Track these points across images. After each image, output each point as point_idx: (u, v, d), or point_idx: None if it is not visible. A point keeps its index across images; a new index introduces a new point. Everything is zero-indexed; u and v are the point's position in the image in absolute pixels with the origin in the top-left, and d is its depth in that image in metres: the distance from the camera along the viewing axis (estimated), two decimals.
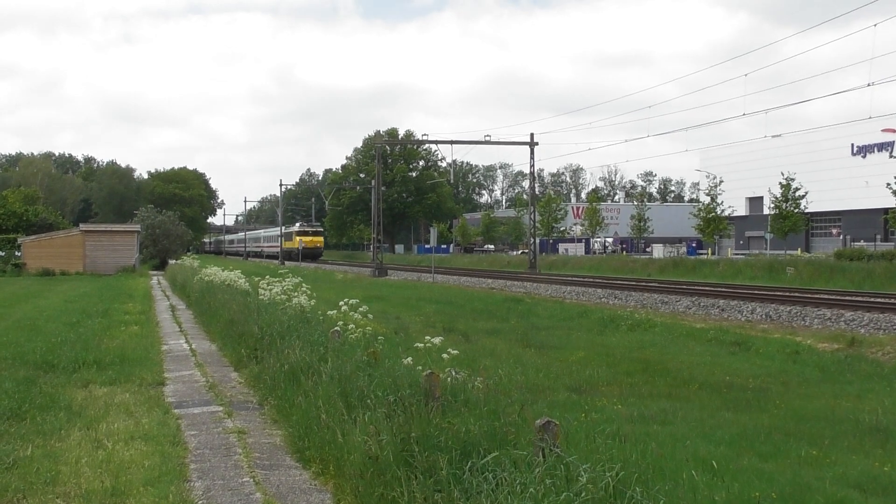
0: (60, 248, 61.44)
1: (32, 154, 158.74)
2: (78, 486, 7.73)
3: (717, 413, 11.14)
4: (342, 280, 49.83)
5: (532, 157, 59.01)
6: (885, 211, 64.70)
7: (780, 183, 65.82)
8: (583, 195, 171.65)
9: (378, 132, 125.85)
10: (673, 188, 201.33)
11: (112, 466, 8.29)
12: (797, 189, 64.86)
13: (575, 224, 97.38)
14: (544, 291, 35.31)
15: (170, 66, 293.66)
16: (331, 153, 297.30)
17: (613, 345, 18.20)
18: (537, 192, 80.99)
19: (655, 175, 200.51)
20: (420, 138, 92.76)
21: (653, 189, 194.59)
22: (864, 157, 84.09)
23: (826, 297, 27.39)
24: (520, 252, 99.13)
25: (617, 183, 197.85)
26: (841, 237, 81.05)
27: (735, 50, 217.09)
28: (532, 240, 64.44)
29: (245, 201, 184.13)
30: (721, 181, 68.89)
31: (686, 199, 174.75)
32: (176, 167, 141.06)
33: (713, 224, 68.56)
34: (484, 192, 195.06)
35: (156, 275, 61.50)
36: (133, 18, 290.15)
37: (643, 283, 37.60)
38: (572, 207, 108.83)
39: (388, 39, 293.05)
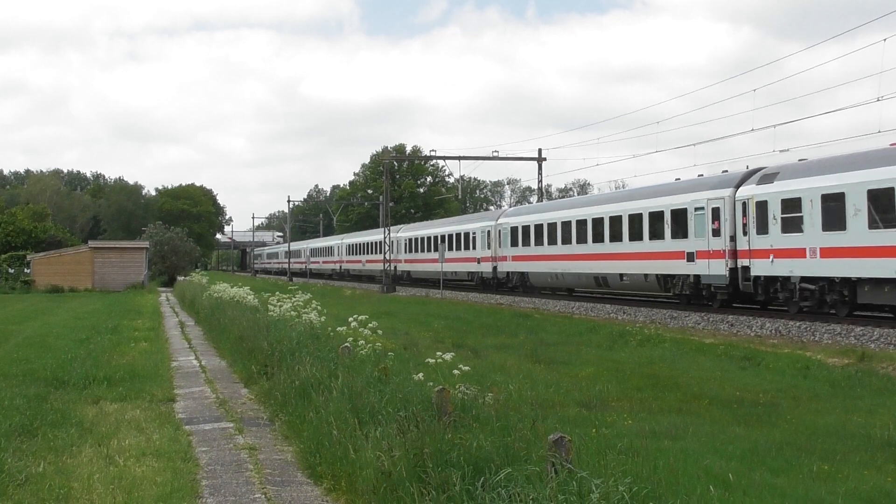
0: (69, 264, 61.67)
1: (41, 171, 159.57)
2: (90, 502, 7.77)
3: (727, 428, 11.11)
4: (351, 296, 49.89)
5: (540, 173, 59.03)
6: None
7: None
8: None
9: (386, 148, 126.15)
10: None
11: (124, 483, 8.31)
12: None
13: None
14: (553, 307, 35.27)
15: (175, 82, 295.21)
16: (337, 169, 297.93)
17: (623, 360, 18.17)
18: None
19: None
20: (427, 154, 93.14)
21: None
22: None
23: (836, 311, 27.26)
24: None
25: None
26: None
27: (740, 65, 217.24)
28: None
29: (253, 217, 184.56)
30: None
31: None
32: (183, 184, 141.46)
33: None
34: (492, 207, 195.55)
35: (164, 291, 61.65)
36: (138, 36, 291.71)
37: (651, 298, 37.58)
38: None
39: (392, 55, 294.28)
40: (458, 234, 52.88)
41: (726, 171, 30.05)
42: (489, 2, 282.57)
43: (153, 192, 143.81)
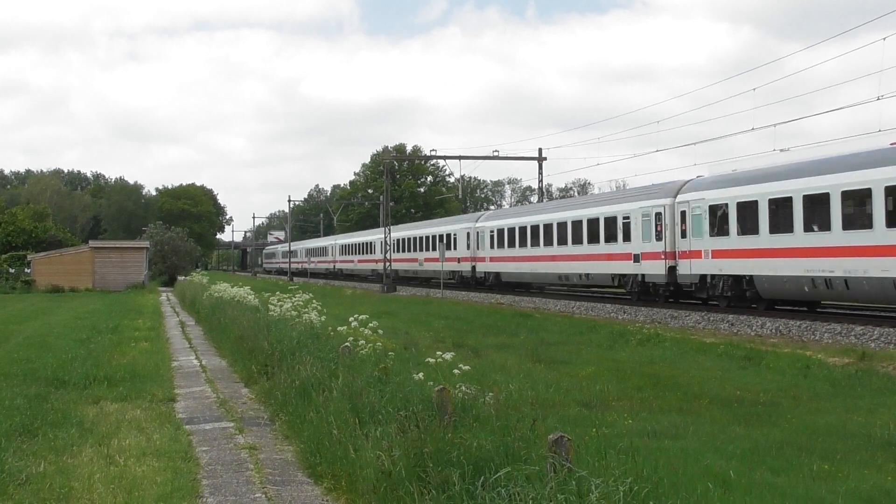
0: (70, 264, 61.70)
1: (41, 171, 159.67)
2: (91, 502, 7.77)
3: (728, 427, 11.11)
4: (351, 296, 49.89)
5: (540, 172, 59.02)
6: None
7: None
8: None
9: (386, 148, 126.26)
10: None
11: (124, 482, 8.32)
12: None
13: None
14: (553, 306, 35.26)
15: (175, 82, 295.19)
16: (337, 169, 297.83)
17: (623, 360, 18.17)
18: None
19: None
20: (427, 154, 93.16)
21: None
22: None
23: (836, 310, 27.29)
24: None
25: None
26: None
27: (740, 65, 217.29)
28: None
29: (254, 217, 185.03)
30: None
31: None
32: (184, 183, 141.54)
33: None
34: (492, 207, 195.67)
35: (165, 291, 61.65)
36: (138, 36, 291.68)
37: (652, 298, 37.56)
38: None
39: (392, 55, 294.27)
40: (596, 220, 36.27)
41: None
42: (489, 2, 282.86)
43: (153, 192, 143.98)
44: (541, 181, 60.49)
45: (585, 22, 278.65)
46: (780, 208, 25.70)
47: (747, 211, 27.11)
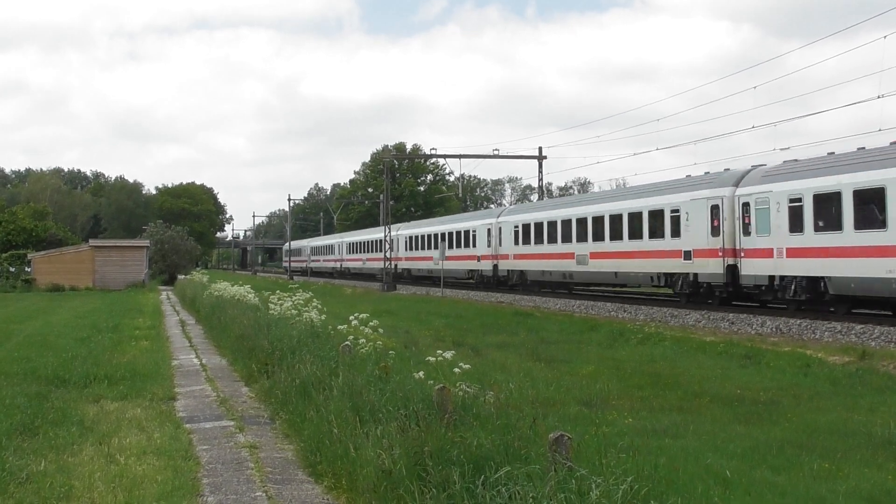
0: (70, 263, 61.67)
1: (41, 170, 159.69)
2: (91, 500, 7.78)
3: (728, 426, 11.11)
4: (351, 294, 49.87)
5: (540, 171, 59.03)
6: None
7: None
8: None
9: (386, 146, 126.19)
10: None
11: (125, 481, 8.33)
12: None
13: None
14: (553, 305, 35.27)
15: (175, 82, 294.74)
16: (337, 169, 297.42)
17: (623, 358, 18.17)
18: None
19: None
20: (428, 152, 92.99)
21: None
22: None
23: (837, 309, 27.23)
24: None
25: None
26: None
27: (740, 64, 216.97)
28: None
29: (254, 216, 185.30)
30: None
31: None
32: (184, 183, 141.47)
33: None
34: (492, 205, 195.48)
35: (165, 290, 61.65)
36: (138, 36, 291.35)
37: (652, 297, 37.54)
38: None
39: (392, 54, 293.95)
40: None
41: None
42: (489, 1, 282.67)
43: (153, 191, 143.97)
44: (541, 180, 60.49)
45: (585, 21, 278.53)
46: None
47: None
